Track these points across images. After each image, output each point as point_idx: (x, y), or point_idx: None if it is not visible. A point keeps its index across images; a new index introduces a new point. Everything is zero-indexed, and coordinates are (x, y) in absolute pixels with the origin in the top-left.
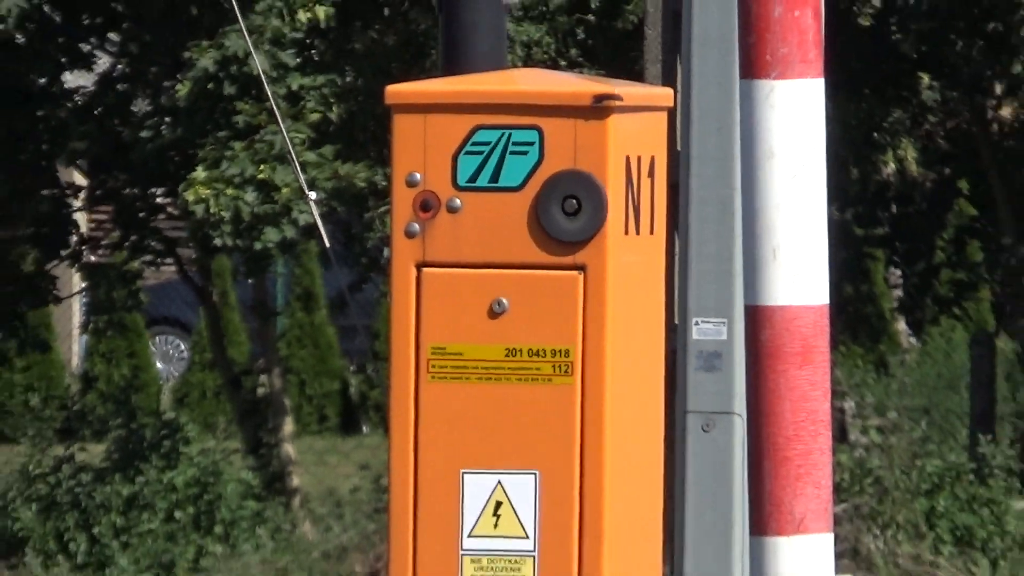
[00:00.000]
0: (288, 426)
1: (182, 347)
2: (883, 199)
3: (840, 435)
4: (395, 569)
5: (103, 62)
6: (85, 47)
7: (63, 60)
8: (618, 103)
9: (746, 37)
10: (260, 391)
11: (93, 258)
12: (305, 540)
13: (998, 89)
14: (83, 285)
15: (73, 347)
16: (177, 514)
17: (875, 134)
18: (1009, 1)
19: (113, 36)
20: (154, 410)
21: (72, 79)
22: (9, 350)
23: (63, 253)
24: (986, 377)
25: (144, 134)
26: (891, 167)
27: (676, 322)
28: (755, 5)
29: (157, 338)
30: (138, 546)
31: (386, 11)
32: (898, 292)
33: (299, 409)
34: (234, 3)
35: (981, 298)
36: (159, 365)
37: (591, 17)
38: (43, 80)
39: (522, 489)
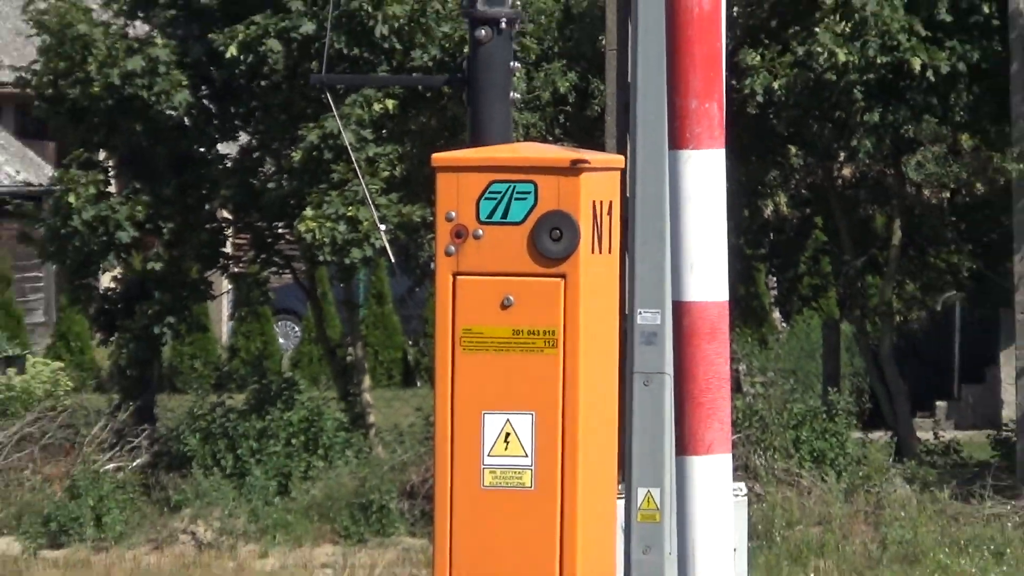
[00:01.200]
0: (366, 382)
1: (296, 329)
2: (765, 230)
3: (736, 387)
4: (439, 479)
5: (243, 137)
6: (231, 126)
7: (216, 136)
8: (586, 166)
9: (673, 121)
10: (348, 358)
11: (236, 269)
12: (378, 458)
13: (841, 156)
14: (229, 287)
15: (223, 329)
16: (293, 441)
17: (759, 187)
18: (849, 98)
19: (246, 119)
20: (277, 371)
21: (222, 148)
22: (181, 330)
23: (217, 266)
24: (833, 349)
25: (270, 186)
26: (770, 209)
27: (627, 312)
28: (679, 99)
29: (279, 323)
30: (267, 462)
31: (432, 103)
32: (774, 292)
33: (373, 370)
34: (330, 100)
35: (830, 297)
36: (280, 341)
37: (569, 108)
38: (203, 149)
39: (523, 424)
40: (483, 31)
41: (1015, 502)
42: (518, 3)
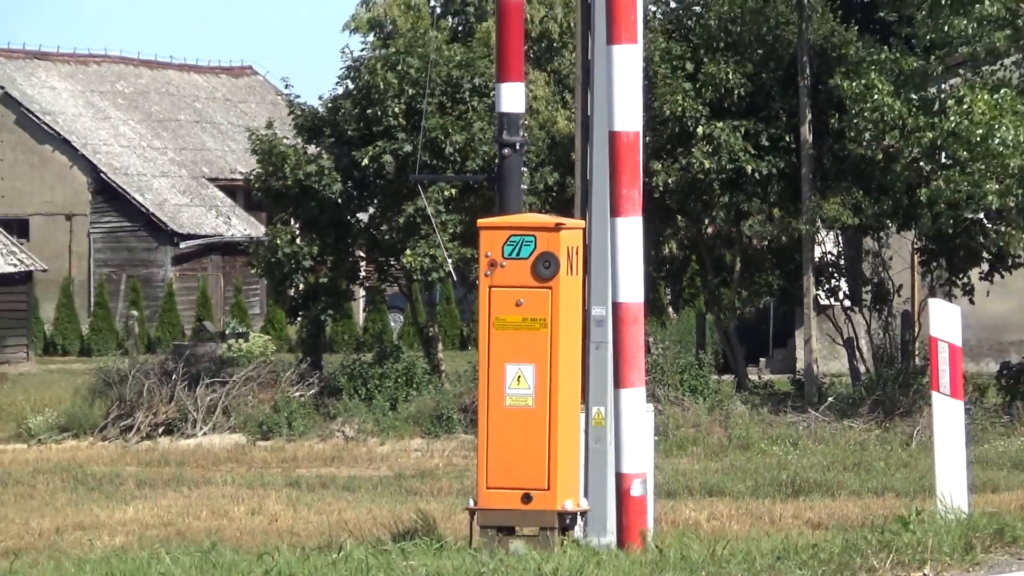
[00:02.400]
0: (440, 347)
1: (400, 317)
2: (663, 262)
3: (648, 350)
4: (481, 401)
5: (371, 209)
6: (364, 203)
7: (356, 208)
8: (563, 226)
9: (613, 201)
10: (430, 334)
11: (367, 284)
12: (446, 390)
13: (706, 222)
14: (363, 294)
15: (360, 317)
16: (398, 380)
17: (660, 238)
18: (711, 188)
19: (372, 199)
20: (390, 341)
21: (360, 216)
22: (336, 318)
23: (356, 282)
24: (701, 330)
25: (386, 237)
26: (666, 250)
27: (586, 307)
28: (616, 189)
29: (391, 314)
30: (384, 392)
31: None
32: (669, 296)
33: (444, 340)
34: (421, 189)
35: (699, 300)
36: (392, 324)
37: (554, 193)
38: (349, 216)
39: (528, 371)
40: (506, 150)
41: (803, 415)
42: (526, 134)
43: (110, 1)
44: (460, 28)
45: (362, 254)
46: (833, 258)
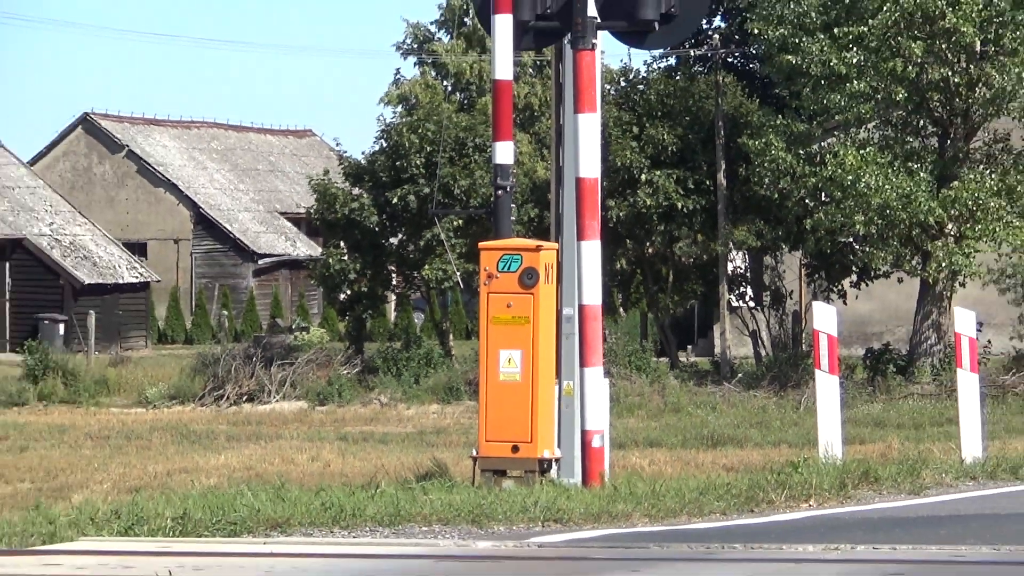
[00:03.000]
0: (451, 337)
1: (422, 315)
2: (616, 273)
3: (604, 340)
4: (481, 376)
5: (400, 236)
6: (395, 230)
7: (389, 234)
8: (542, 248)
9: (579, 230)
10: (444, 327)
11: (397, 291)
12: (456, 369)
13: (648, 244)
14: (394, 299)
15: (391, 315)
16: (420, 361)
17: (614, 256)
18: (651, 220)
19: (402, 227)
20: (414, 333)
21: (392, 240)
22: (373, 316)
23: (388, 288)
24: (644, 324)
25: (411, 256)
26: (618, 265)
27: (559, 308)
28: (580, 220)
29: (415, 313)
30: (409, 370)
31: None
32: (620, 299)
33: (454, 332)
34: (437, 220)
35: (643, 302)
36: (416, 320)
37: (534, 222)
38: (383, 240)
39: (516, 355)
40: (500, 192)
41: (719, 387)
42: (514, 180)
43: (207, 75)
44: (465, 101)
45: (393, 268)
46: (741, 271)
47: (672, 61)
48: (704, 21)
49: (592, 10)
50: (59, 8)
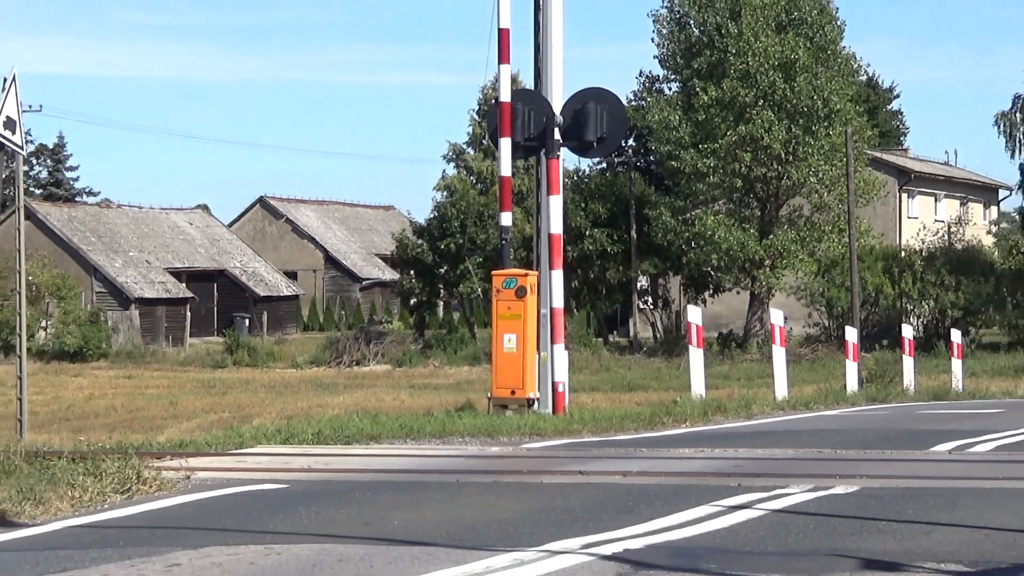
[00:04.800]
0: (475, 328)
1: (457, 315)
2: (572, 289)
3: (565, 327)
4: (495, 348)
5: (445, 268)
6: (440, 262)
7: (435, 268)
8: (530, 273)
9: (548, 263)
10: (471, 321)
11: (443, 300)
12: (479, 346)
13: (590, 273)
14: (442, 304)
15: (440, 313)
16: (457, 342)
17: (569, 279)
18: (591, 257)
19: (446, 263)
20: (453, 324)
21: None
22: (430, 315)
23: (438, 299)
24: (588, 319)
25: (451, 279)
26: (573, 284)
27: (540, 309)
28: (551, 257)
29: (454, 312)
30: (451, 346)
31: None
32: (574, 304)
33: (477, 324)
34: (466, 259)
35: (587, 305)
36: (454, 316)
37: (524, 259)
38: (435, 270)
39: (514, 337)
40: (503, 241)
41: (633, 355)
42: (511, 235)
43: (332, 171)
44: (483, 189)
45: (441, 286)
46: (645, 287)
47: (604, 165)
48: (623, 141)
49: (557, 136)
50: (242, 123)
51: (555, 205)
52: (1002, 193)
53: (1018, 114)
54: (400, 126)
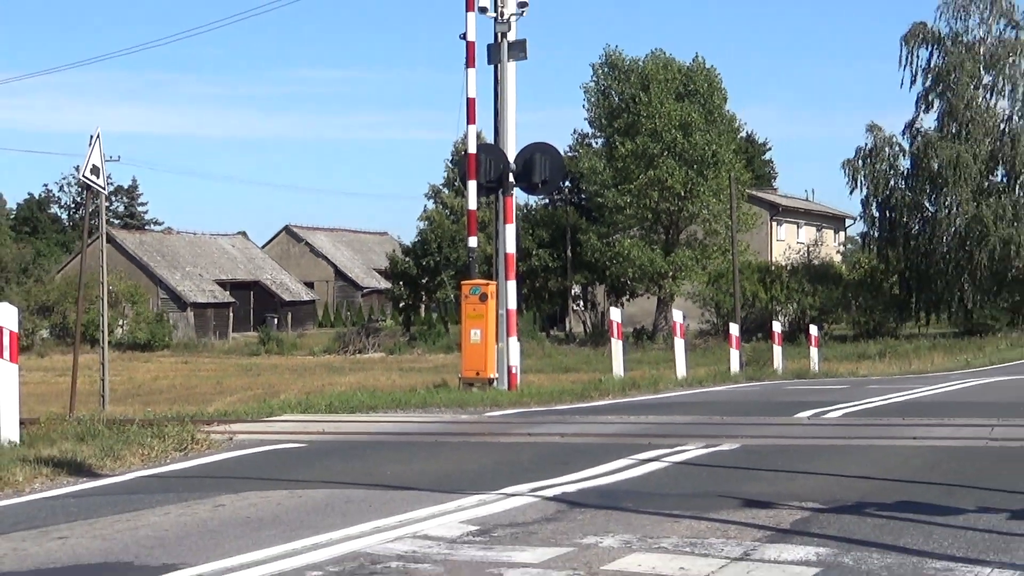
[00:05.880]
0: (449, 325)
1: (436, 315)
2: (523, 294)
3: (517, 324)
4: (464, 341)
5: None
6: (432, 278)
7: (424, 285)
8: (490, 284)
9: (503, 275)
10: (446, 319)
11: (424, 304)
12: (451, 338)
13: (536, 283)
14: (423, 307)
15: (423, 313)
16: (435, 335)
17: (520, 287)
18: (536, 270)
19: (435, 286)
20: (432, 322)
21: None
22: (415, 314)
23: (421, 302)
24: (536, 318)
25: (430, 287)
26: (524, 291)
27: (499, 310)
28: (507, 270)
29: (433, 312)
30: (431, 338)
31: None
32: (524, 305)
33: (450, 321)
34: (444, 278)
35: (533, 308)
36: (433, 316)
37: (487, 272)
38: (424, 289)
39: (479, 331)
40: (470, 258)
41: (569, 345)
42: (476, 253)
43: (340, 203)
44: (455, 218)
45: (423, 293)
46: (578, 293)
47: (547, 201)
48: (561, 183)
49: (511, 179)
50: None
51: (509, 231)
52: (848, 222)
53: (859, 161)
54: (393, 171)
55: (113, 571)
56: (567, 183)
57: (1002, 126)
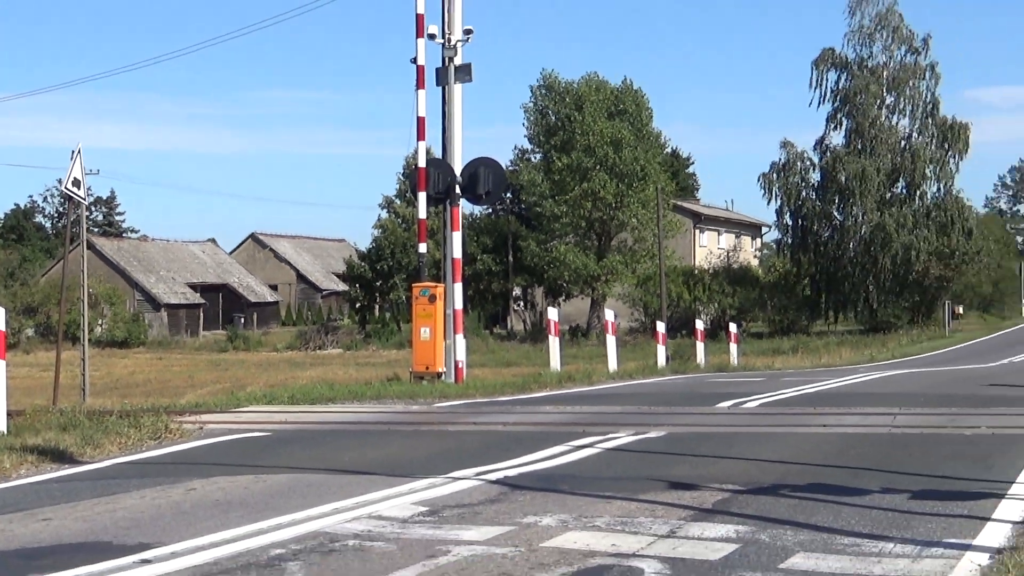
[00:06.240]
0: (401, 323)
1: (390, 315)
2: (468, 295)
3: (464, 322)
4: (415, 339)
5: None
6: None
7: (378, 288)
8: (438, 286)
9: (452, 277)
10: (399, 319)
11: (377, 306)
12: (403, 335)
13: (480, 285)
14: (378, 307)
15: (377, 312)
16: (389, 333)
17: (465, 289)
18: (480, 274)
19: (391, 288)
20: (385, 321)
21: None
22: (369, 314)
23: (376, 303)
24: (481, 317)
25: (384, 289)
26: (470, 293)
27: (446, 310)
28: (453, 273)
29: (386, 312)
30: (384, 336)
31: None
32: (469, 306)
33: (403, 321)
34: (395, 276)
35: (478, 308)
36: (387, 315)
37: (436, 275)
38: (378, 293)
39: (428, 329)
40: (420, 262)
41: (511, 342)
42: (425, 258)
43: (301, 212)
44: (406, 227)
45: (377, 295)
46: (519, 295)
47: (490, 210)
48: (503, 194)
49: (457, 191)
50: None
51: (456, 238)
52: (764, 229)
53: (774, 174)
54: (350, 183)
55: (93, 550)
56: (508, 194)
57: (903, 143)
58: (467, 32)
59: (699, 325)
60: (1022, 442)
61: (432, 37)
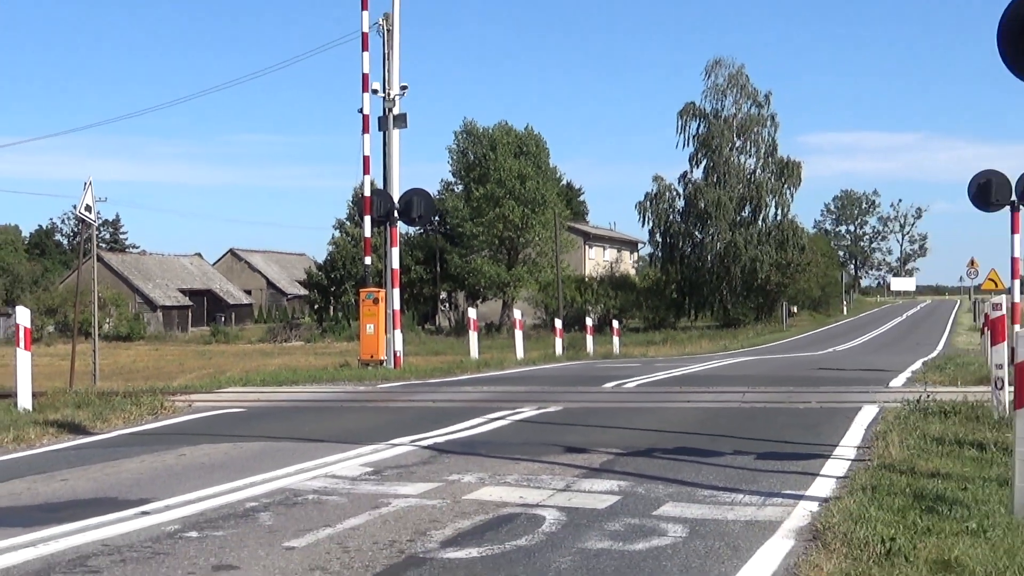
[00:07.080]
0: (351, 321)
1: (341, 314)
2: (405, 298)
3: (401, 320)
4: (362, 333)
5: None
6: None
7: (331, 286)
8: (380, 291)
9: (391, 284)
10: (350, 319)
11: (333, 306)
12: (353, 330)
13: (414, 290)
14: (332, 308)
15: (332, 312)
16: (341, 328)
17: (403, 293)
18: (415, 281)
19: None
20: (339, 320)
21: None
22: (325, 314)
23: (330, 306)
24: (414, 315)
25: (338, 293)
26: (406, 296)
27: (387, 311)
28: (392, 280)
29: (339, 313)
30: (338, 331)
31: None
32: (405, 307)
33: (352, 318)
34: (346, 284)
35: (413, 308)
36: (339, 315)
37: (379, 282)
38: (332, 292)
39: (373, 327)
40: (366, 271)
41: (440, 336)
42: (370, 268)
43: (270, 231)
44: (355, 243)
45: (332, 299)
46: (444, 297)
47: (422, 230)
48: (432, 218)
49: (396, 215)
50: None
51: (395, 253)
52: (640, 245)
53: (647, 202)
54: (310, 208)
55: (102, 504)
56: (436, 218)
57: (749, 177)
58: (403, 88)
59: (588, 322)
60: (844, 414)
61: (375, 92)
